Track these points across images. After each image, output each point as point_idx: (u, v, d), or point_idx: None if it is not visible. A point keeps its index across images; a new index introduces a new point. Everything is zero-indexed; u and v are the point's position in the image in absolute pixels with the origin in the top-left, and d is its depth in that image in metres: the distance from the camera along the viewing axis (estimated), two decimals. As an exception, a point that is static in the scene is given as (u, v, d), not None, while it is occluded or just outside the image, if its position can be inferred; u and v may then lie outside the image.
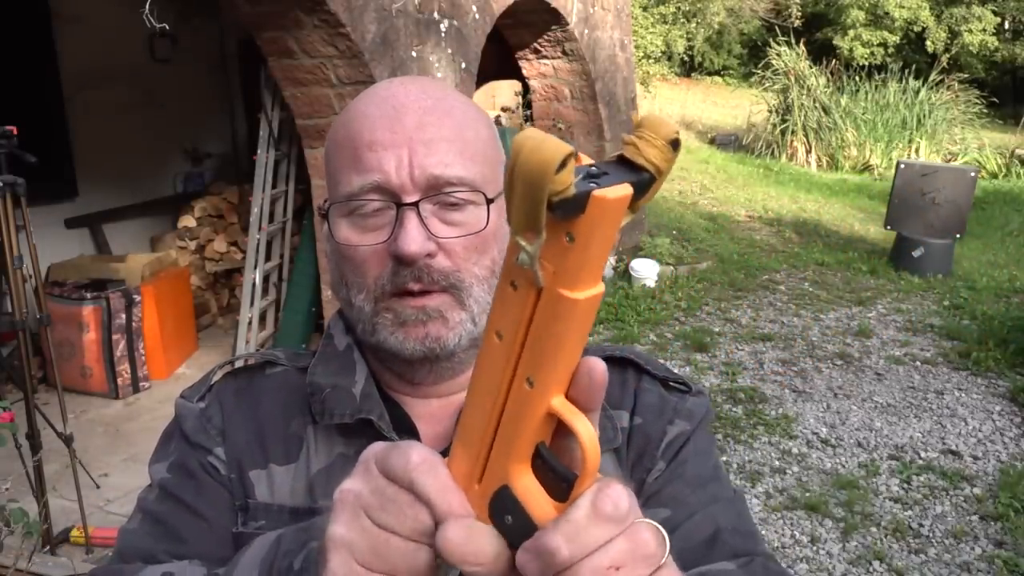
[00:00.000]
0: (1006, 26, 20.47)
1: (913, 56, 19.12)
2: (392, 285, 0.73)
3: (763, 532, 3.36)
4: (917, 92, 13.97)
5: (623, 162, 0.37)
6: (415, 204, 0.72)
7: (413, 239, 0.70)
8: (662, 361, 0.89)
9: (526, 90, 7.02)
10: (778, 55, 13.78)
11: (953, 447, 4.16)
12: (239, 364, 0.86)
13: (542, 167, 0.34)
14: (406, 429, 0.78)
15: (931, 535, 3.38)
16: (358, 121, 0.75)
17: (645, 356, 0.86)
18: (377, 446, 0.49)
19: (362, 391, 0.78)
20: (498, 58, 6.72)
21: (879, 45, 19.93)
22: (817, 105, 13.45)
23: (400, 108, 0.73)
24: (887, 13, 19.66)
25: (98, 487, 3.56)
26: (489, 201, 0.75)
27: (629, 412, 0.82)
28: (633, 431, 0.81)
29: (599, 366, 0.41)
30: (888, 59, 18.51)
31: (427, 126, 0.73)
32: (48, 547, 3.06)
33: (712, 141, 14.63)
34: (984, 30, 19.65)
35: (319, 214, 0.81)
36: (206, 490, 0.78)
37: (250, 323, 4.95)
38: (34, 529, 2.70)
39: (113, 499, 3.56)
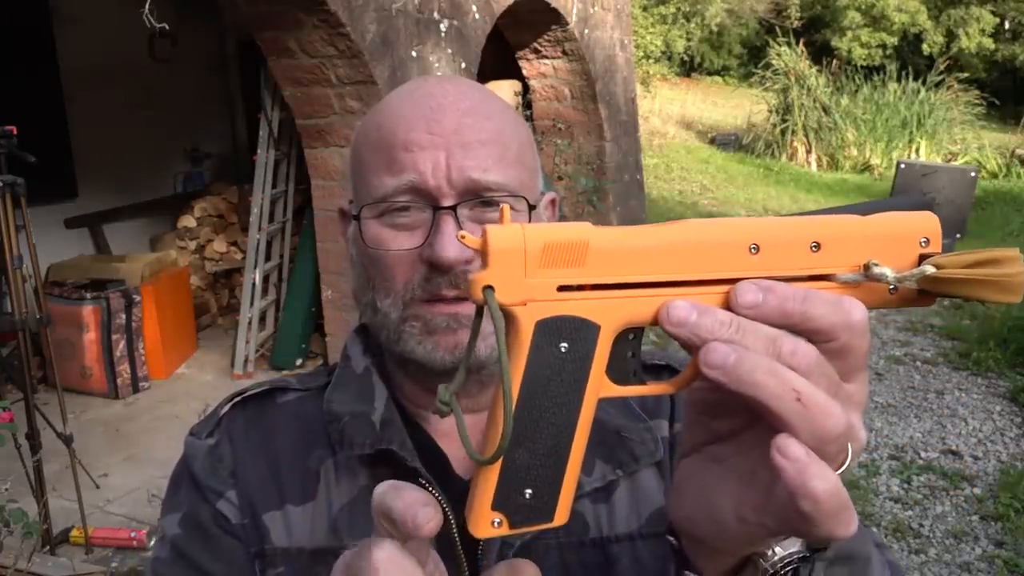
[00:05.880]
0: (1006, 26, 20.48)
1: (912, 57, 19.14)
2: (423, 291, 0.69)
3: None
4: (917, 92, 13.99)
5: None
6: (452, 208, 0.69)
7: (451, 244, 0.67)
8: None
9: (526, 90, 7.02)
10: (778, 55, 13.79)
11: (953, 447, 4.15)
12: (247, 394, 0.81)
13: (1006, 298, 0.41)
14: (431, 453, 0.73)
15: (931, 535, 3.38)
16: (392, 122, 0.71)
17: (679, 358, 0.82)
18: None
19: (382, 418, 0.73)
20: (498, 58, 6.72)
21: (878, 46, 19.96)
22: (817, 105, 13.46)
23: (438, 109, 0.70)
24: (885, 16, 19.69)
25: (98, 487, 3.56)
26: (531, 207, 0.72)
27: (668, 420, 0.78)
28: (675, 439, 0.77)
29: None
30: (886, 60, 18.52)
31: (466, 129, 0.70)
32: (48, 547, 3.06)
33: (712, 141, 14.63)
34: (983, 31, 19.66)
35: (342, 216, 0.78)
36: (220, 547, 0.72)
37: (250, 323, 4.95)
38: (34, 529, 2.70)
39: (113, 499, 3.56)
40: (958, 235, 7.36)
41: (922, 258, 0.43)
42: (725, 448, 0.44)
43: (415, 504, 0.41)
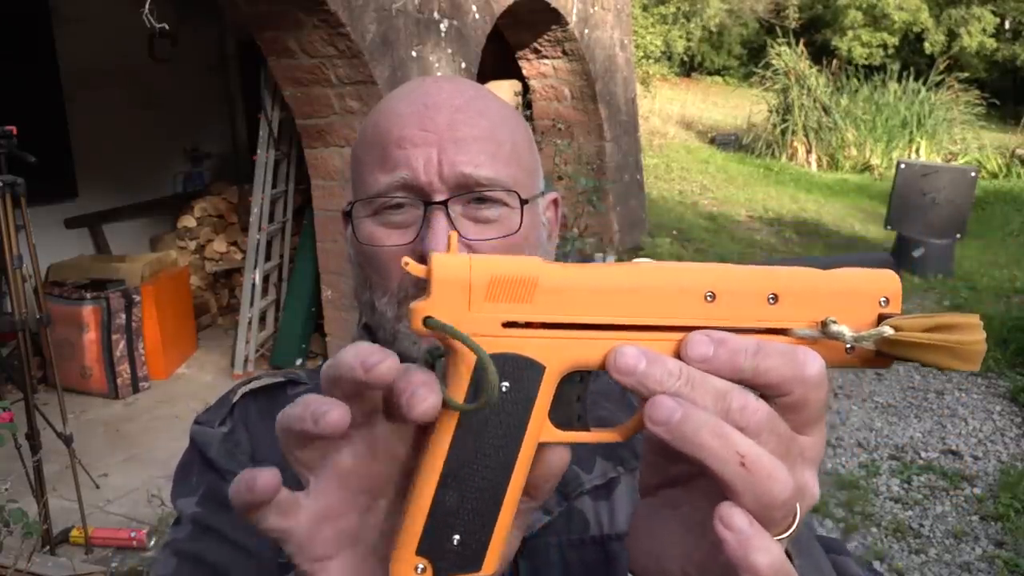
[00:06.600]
0: (1006, 26, 20.48)
1: (913, 57, 19.15)
2: (417, 289, 0.69)
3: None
4: (917, 92, 13.99)
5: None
6: (444, 203, 0.69)
7: (441, 240, 0.66)
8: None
9: (526, 90, 7.02)
10: (778, 55, 13.79)
11: (953, 447, 4.15)
12: (258, 384, 0.81)
13: (962, 366, 0.40)
14: None
15: (931, 535, 3.38)
16: (388, 119, 0.72)
17: None
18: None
19: None
20: (498, 58, 6.72)
21: (879, 46, 19.97)
22: (817, 105, 13.46)
23: (431, 106, 0.71)
24: (886, 15, 19.70)
25: (98, 487, 3.56)
26: (523, 202, 0.71)
27: None
28: None
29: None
30: (887, 60, 18.53)
31: (459, 125, 0.70)
32: (48, 547, 3.06)
33: (712, 141, 14.62)
34: (983, 31, 19.67)
35: (343, 216, 0.78)
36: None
37: (250, 323, 4.95)
38: (34, 529, 2.70)
39: (113, 499, 3.56)
40: (958, 235, 7.34)
41: (881, 318, 0.41)
42: (680, 494, 0.43)
43: (417, 383, 0.37)
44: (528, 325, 0.39)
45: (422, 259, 0.67)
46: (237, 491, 0.38)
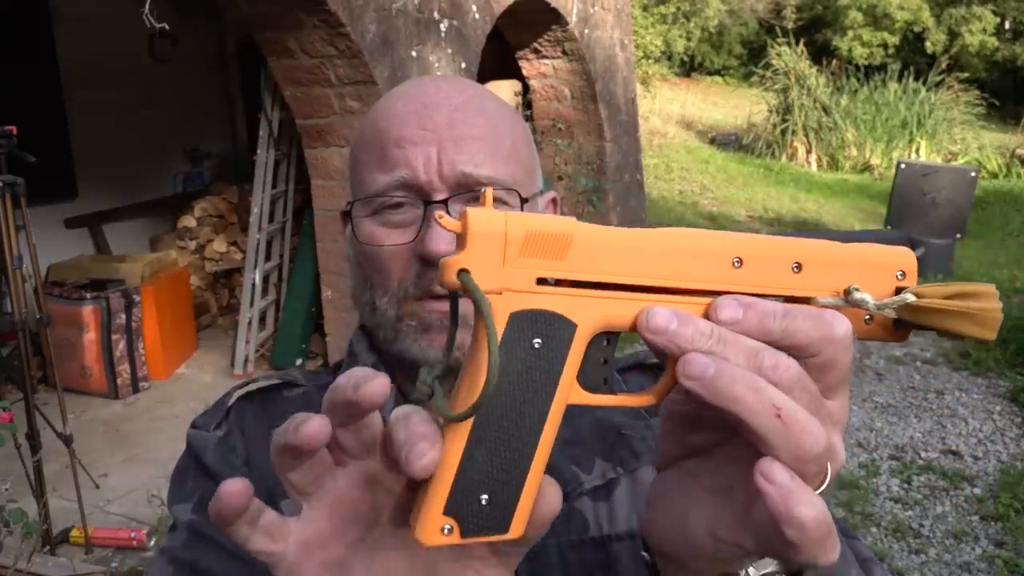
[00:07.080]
0: (1006, 26, 20.49)
1: (913, 57, 19.15)
2: (417, 288, 0.69)
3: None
4: (917, 92, 14.00)
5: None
6: (444, 202, 0.69)
7: (442, 238, 0.66)
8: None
9: (526, 90, 7.02)
10: (778, 55, 13.79)
11: (953, 447, 4.15)
12: (254, 387, 0.80)
13: (981, 333, 0.42)
14: None
15: (931, 535, 3.38)
16: (386, 119, 0.72)
17: None
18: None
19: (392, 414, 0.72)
20: (498, 58, 6.71)
21: (879, 46, 19.97)
22: (817, 105, 13.46)
23: (430, 105, 0.71)
24: (887, 14, 19.71)
25: (97, 487, 3.56)
26: (523, 201, 0.71)
27: None
28: None
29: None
30: (888, 60, 18.53)
31: (458, 124, 0.70)
32: (48, 547, 3.06)
33: (712, 141, 14.63)
34: (984, 30, 19.68)
35: (343, 219, 0.78)
36: None
37: (250, 323, 4.95)
38: (34, 529, 2.70)
39: (113, 499, 3.56)
40: (958, 235, 7.35)
41: (898, 291, 0.42)
42: (700, 463, 0.43)
43: (418, 437, 0.37)
44: (559, 283, 0.39)
45: (422, 259, 0.68)
46: (211, 505, 0.38)
